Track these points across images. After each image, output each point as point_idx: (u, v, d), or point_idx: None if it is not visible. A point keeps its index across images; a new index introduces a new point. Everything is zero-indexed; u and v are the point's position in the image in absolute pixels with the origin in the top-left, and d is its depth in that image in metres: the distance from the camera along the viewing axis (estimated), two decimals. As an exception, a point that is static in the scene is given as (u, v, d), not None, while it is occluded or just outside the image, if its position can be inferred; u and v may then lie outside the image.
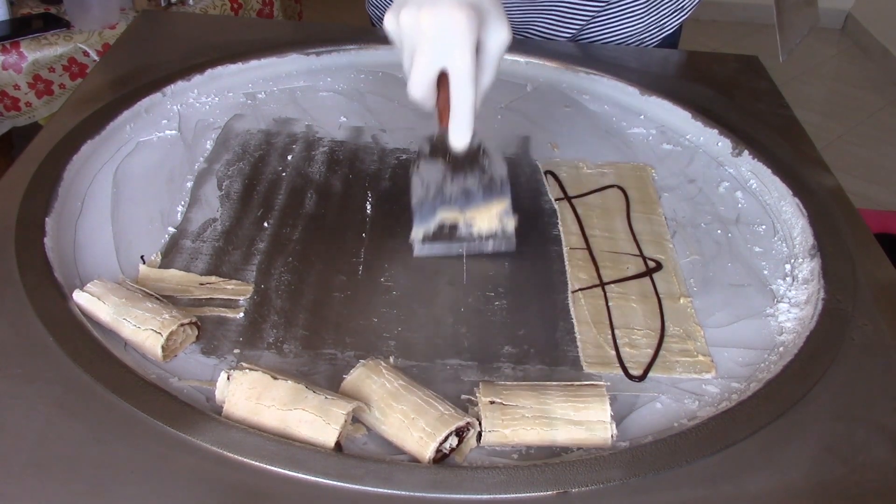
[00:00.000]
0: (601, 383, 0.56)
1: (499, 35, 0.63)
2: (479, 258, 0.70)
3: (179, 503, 0.47)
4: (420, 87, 0.64)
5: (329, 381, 0.57)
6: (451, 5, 0.59)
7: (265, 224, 0.72)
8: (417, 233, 0.70)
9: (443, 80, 0.63)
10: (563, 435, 0.53)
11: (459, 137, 0.65)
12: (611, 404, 0.55)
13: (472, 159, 0.69)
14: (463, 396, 0.56)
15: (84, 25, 1.51)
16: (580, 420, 0.53)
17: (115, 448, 0.49)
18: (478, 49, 0.62)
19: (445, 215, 0.69)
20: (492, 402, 0.53)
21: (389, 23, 0.64)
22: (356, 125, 0.87)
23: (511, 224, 0.70)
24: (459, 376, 0.59)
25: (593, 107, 0.93)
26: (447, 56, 0.61)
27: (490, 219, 0.70)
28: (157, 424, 0.51)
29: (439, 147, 0.69)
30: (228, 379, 0.53)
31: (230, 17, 1.69)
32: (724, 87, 0.96)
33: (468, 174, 0.69)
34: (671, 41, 1.10)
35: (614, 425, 0.53)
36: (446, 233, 0.70)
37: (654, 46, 1.07)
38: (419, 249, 0.70)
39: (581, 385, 0.56)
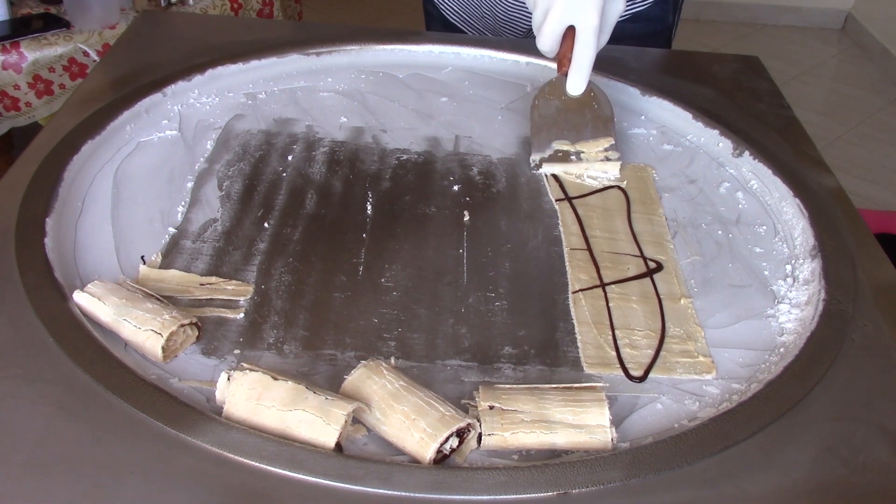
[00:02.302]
0: (600, 385, 0.56)
1: (617, 4, 0.77)
2: (479, 258, 0.70)
3: (179, 503, 0.47)
4: (549, 39, 0.76)
5: (329, 382, 0.57)
6: None
7: (265, 224, 0.72)
8: (535, 158, 0.82)
9: (565, 34, 0.77)
10: (562, 438, 0.53)
11: (577, 84, 0.79)
12: (611, 405, 0.55)
13: (583, 101, 0.81)
14: (463, 401, 0.56)
15: (84, 25, 1.51)
16: (579, 424, 0.53)
17: (115, 448, 0.49)
18: None
19: (559, 145, 0.81)
20: (491, 407, 0.53)
21: None
22: (356, 125, 0.87)
23: (615, 156, 0.81)
24: (460, 377, 0.59)
25: (594, 107, 0.93)
26: (578, 14, 0.74)
27: (597, 152, 0.81)
28: (157, 425, 0.51)
29: (556, 89, 0.82)
30: (229, 379, 0.53)
31: (230, 17, 1.69)
32: (724, 88, 0.96)
33: (579, 113, 0.81)
34: (660, 29, 1.08)
35: (614, 430, 0.53)
36: (559, 157, 0.82)
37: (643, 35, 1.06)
38: (534, 170, 0.82)
39: (580, 388, 0.56)
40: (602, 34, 0.76)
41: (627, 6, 1.02)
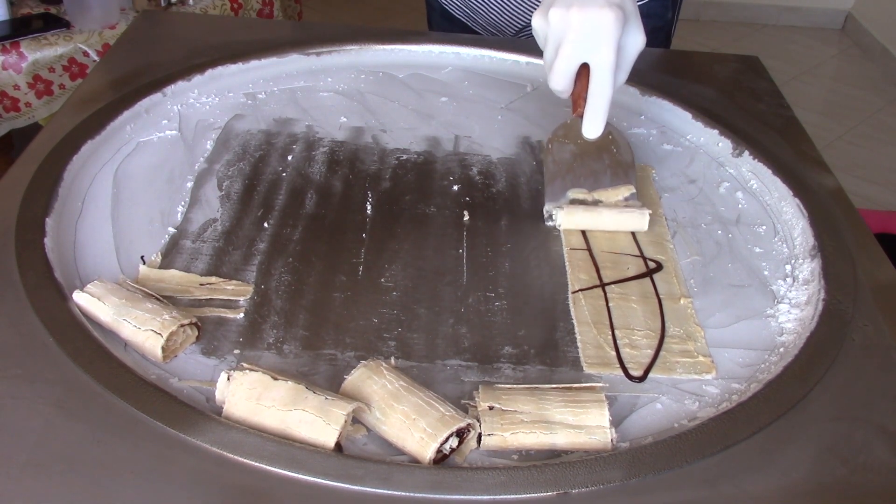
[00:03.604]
0: (599, 385, 0.56)
1: (636, 39, 0.68)
2: (479, 258, 0.70)
3: (179, 503, 0.47)
4: (561, 78, 0.68)
5: (329, 382, 0.57)
6: (602, 4, 0.65)
7: (265, 224, 0.72)
8: (549, 207, 0.75)
9: (580, 73, 0.69)
10: (562, 439, 0.53)
11: (594, 127, 0.71)
12: (611, 405, 0.55)
13: (601, 145, 0.74)
14: (463, 401, 0.56)
15: (84, 25, 1.51)
16: (579, 424, 0.53)
17: (115, 448, 0.49)
18: None
19: (575, 194, 0.75)
20: (490, 407, 0.53)
21: (537, 20, 0.69)
22: (356, 125, 0.87)
23: (637, 205, 0.74)
24: (459, 377, 0.59)
25: (593, 107, 0.93)
26: (592, 51, 0.66)
27: (616, 201, 0.74)
28: (157, 424, 0.51)
29: (571, 132, 0.75)
30: (228, 379, 0.53)
31: (230, 17, 1.69)
32: (724, 88, 0.96)
33: (597, 158, 0.75)
34: (660, 25, 1.08)
35: (613, 430, 0.53)
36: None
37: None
38: (548, 222, 0.75)
39: (580, 389, 0.56)
40: (620, 72, 0.68)
41: None
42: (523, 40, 1.05)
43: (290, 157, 0.81)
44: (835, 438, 0.54)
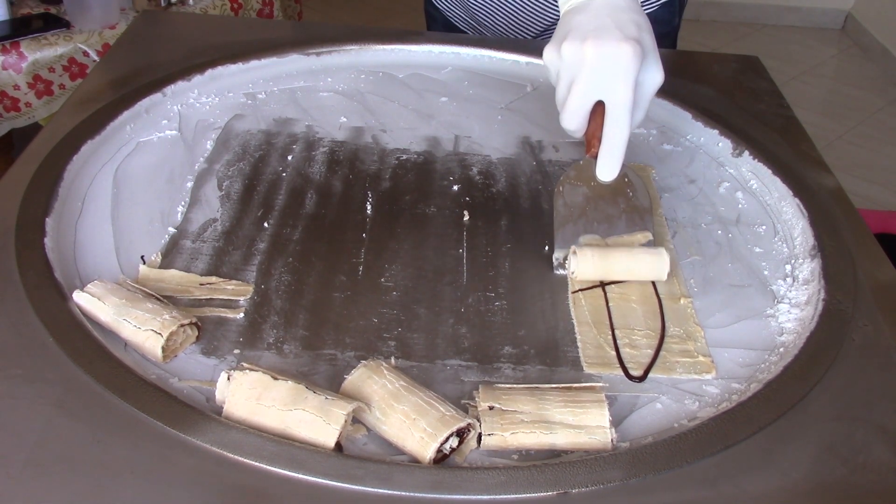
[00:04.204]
0: (599, 385, 0.56)
1: (655, 75, 0.64)
2: (479, 258, 0.70)
3: (179, 503, 0.47)
4: (575, 117, 0.64)
5: (329, 382, 0.57)
6: (619, 38, 0.60)
7: (265, 224, 0.72)
8: (559, 254, 0.70)
9: (595, 111, 0.64)
10: (562, 439, 0.53)
11: (609, 169, 0.66)
12: (611, 405, 0.55)
13: (616, 188, 0.69)
14: (463, 401, 0.56)
15: (84, 25, 1.50)
16: (579, 424, 0.53)
17: (115, 448, 0.49)
18: None
19: (587, 241, 0.70)
20: (490, 407, 0.53)
21: (549, 54, 0.65)
22: (356, 125, 0.87)
23: (655, 251, 0.69)
24: (459, 377, 0.59)
25: (593, 107, 0.93)
26: (608, 88, 0.62)
27: (632, 249, 0.70)
28: (157, 424, 0.51)
29: (584, 174, 0.69)
30: (228, 379, 0.53)
31: (230, 17, 1.69)
32: (724, 87, 0.96)
33: (611, 202, 0.70)
34: (667, 31, 1.08)
35: (613, 430, 0.53)
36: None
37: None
38: (558, 270, 0.70)
39: (580, 389, 0.56)
40: (637, 110, 0.64)
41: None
42: (523, 40, 1.05)
43: (290, 157, 0.81)
44: (835, 438, 0.54)
